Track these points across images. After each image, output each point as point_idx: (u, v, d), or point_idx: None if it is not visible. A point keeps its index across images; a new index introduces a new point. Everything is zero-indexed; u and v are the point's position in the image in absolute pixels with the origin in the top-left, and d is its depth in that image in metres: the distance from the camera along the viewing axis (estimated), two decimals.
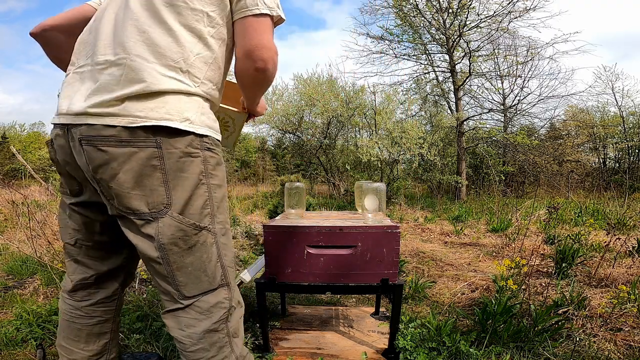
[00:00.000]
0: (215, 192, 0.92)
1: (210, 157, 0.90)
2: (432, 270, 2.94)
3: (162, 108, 0.83)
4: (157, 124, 0.82)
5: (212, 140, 0.92)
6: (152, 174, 0.83)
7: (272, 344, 1.59)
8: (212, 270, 0.91)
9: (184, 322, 0.91)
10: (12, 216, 4.42)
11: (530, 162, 11.48)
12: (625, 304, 1.87)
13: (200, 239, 0.89)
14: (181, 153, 0.85)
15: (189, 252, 0.89)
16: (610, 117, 14.18)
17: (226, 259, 0.94)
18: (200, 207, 0.88)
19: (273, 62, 0.89)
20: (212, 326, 0.90)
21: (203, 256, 0.90)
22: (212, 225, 0.91)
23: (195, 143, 0.87)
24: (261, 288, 1.42)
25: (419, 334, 1.58)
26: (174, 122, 0.83)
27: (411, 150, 8.03)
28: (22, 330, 1.69)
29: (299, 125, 10.20)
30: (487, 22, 9.93)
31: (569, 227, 4.60)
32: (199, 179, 0.88)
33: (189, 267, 0.89)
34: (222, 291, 0.93)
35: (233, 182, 15.99)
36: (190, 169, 0.86)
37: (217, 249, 0.92)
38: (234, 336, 0.94)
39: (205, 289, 0.91)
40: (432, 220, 5.67)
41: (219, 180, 0.93)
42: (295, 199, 1.64)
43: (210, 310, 0.91)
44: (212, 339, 0.90)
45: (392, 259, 1.36)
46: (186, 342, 0.90)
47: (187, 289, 0.90)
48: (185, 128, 0.85)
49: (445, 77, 11.25)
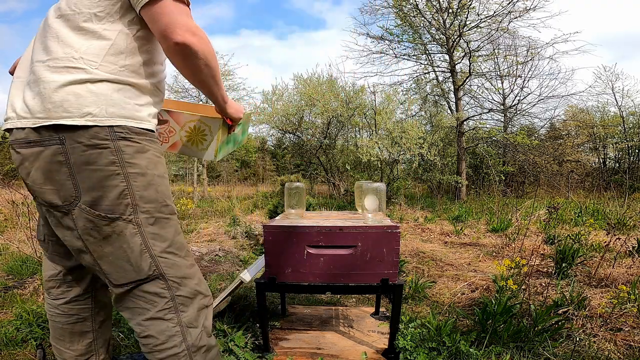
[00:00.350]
0: (136, 181, 0.91)
1: (126, 145, 0.90)
2: (432, 270, 2.94)
3: (60, 107, 0.86)
4: (57, 122, 0.85)
5: (128, 128, 0.91)
6: (60, 169, 0.87)
7: (272, 344, 1.59)
8: (136, 260, 0.92)
9: (136, 311, 0.95)
10: (12, 216, 4.42)
11: (530, 162, 11.48)
12: (625, 304, 1.87)
13: (116, 229, 0.90)
14: (84, 147, 0.86)
15: (106, 242, 0.90)
16: (610, 117, 14.18)
17: (157, 249, 0.93)
18: (115, 197, 0.89)
19: (192, 33, 0.87)
20: (156, 314, 0.93)
21: (123, 246, 0.91)
22: (133, 216, 0.91)
23: (102, 134, 0.87)
24: (261, 288, 1.42)
25: (419, 334, 1.58)
26: (73, 119, 0.86)
27: (411, 150, 8.03)
28: (22, 330, 1.69)
29: (299, 125, 10.20)
30: (487, 22, 9.92)
31: (569, 227, 4.60)
32: (110, 170, 0.88)
33: (110, 257, 0.91)
34: (157, 282, 0.94)
35: (233, 182, 15.99)
36: (98, 161, 0.87)
37: (142, 239, 0.92)
38: (189, 326, 0.95)
39: (133, 278, 0.93)
40: (432, 220, 5.67)
41: (141, 168, 0.92)
42: (295, 199, 1.64)
43: (152, 300, 0.94)
44: (159, 327, 0.93)
45: (392, 259, 1.36)
46: (138, 330, 0.94)
47: (113, 278, 0.93)
48: (85, 124, 0.86)
49: (445, 77, 11.24)
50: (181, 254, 0.98)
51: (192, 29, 0.87)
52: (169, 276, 0.95)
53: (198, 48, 0.89)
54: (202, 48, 0.90)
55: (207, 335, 1.00)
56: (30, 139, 0.87)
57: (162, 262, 0.94)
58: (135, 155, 0.91)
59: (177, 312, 0.95)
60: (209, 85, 0.99)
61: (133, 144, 0.91)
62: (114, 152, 0.88)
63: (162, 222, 0.95)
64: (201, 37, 0.89)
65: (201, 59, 0.91)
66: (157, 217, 0.94)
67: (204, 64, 0.92)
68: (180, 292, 0.96)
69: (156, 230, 0.94)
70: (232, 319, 1.81)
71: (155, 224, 0.94)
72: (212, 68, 0.95)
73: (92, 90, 0.87)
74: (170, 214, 0.98)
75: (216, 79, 0.99)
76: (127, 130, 0.90)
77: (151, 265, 0.93)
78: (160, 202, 0.95)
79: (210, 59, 0.93)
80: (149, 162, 0.94)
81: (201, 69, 0.93)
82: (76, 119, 0.85)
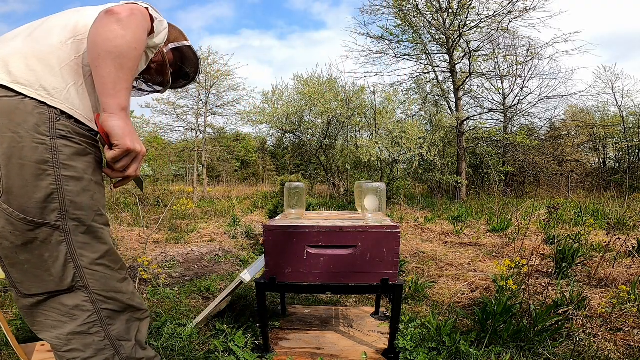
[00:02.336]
0: (69, 185, 0.80)
1: (65, 145, 0.79)
2: (432, 270, 2.94)
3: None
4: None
5: (71, 125, 0.80)
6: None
7: (272, 344, 1.59)
8: (59, 270, 0.81)
9: (48, 323, 0.85)
10: None
11: (530, 162, 11.48)
12: (625, 304, 1.87)
13: (40, 236, 0.79)
14: (19, 137, 0.75)
15: (23, 249, 0.79)
16: (610, 117, 14.17)
17: (85, 260, 0.83)
18: (41, 200, 0.77)
19: (123, 8, 0.80)
20: (78, 329, 0.84)
21: (44, 254, 0.80)
22: (62, 222, 0.80)
23: (42, 128, 0.77)
24: (261, 288, 1.42)
25: (419, 334, 1.58)
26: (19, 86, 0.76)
27: (411, 150, 8.04)
28: (22, 330, 1.69)
29: (299, 125, 10.20)
30: (487, 22, 9.92)
31: (569, 227, 4.60)
32: (41, 169, 0.77)
33: (25, 265, 0.81)
34: (79, 294, 0.84)
35: (233, 182, 15.99)
36: (28, 156, 0.76)
37: (69, 248, 0.81)
38: (120, 339, 0.88)
39: (50, 289, 0.82)
40: (432, 220, 5.67)
41: (77, 172, 0.81)
42: (295, 199, 1.64)
43: (71, 313, 0.84)
44: (84, 341, 0.85)
45: (392, 259, 1.36)
46: (56, 343, 0.85)
47: (23, 286, 0.83)
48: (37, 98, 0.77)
49: (445, 77, 11.24)
50: (114, 266, 0.89)
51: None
52: (94, 289, 0.85)
53: (125, 16, 0.80)
54: (130, 18, 0.80)
55: (141, 348, 0.94)
56: None
57: (89, 275, 0.84)
58: (74, 157, 0.81)
59: (104, 326, 0.86)
60: (106, 62, 0.79)
61: (74, 145, 0.81)
62: (49, 150, 0.77)
63: (96, 232, 0.86)
64: (131, 8, 0.81)
65: (122, 28, 0.79)
66: (89, 226, 0.84)
67: (122, 33, 0.79)
68: (106, 305, 0.87)
69: (87, 240, 0.84)
70: (232, 319, 1.81)
71: (87, 233, 0.84)
72: (128, 41, 0.80)
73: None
74: (104, 225, 0.89)
75: (124, 73, 0.81)
76: (70, 129, 0.81)
77: (75, 277, 0.83)
78: (95, 211, 0.85)
79: (130, 29, 0.81)
80: (89, 167, 0.84)
81: (116, 39, 0.79)
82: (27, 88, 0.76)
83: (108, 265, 0.87)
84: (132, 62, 0.81)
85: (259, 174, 19.98)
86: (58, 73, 0.81)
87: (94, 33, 0.79)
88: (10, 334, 1.42)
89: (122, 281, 0.91)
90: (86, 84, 0.85)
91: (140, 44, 0.81)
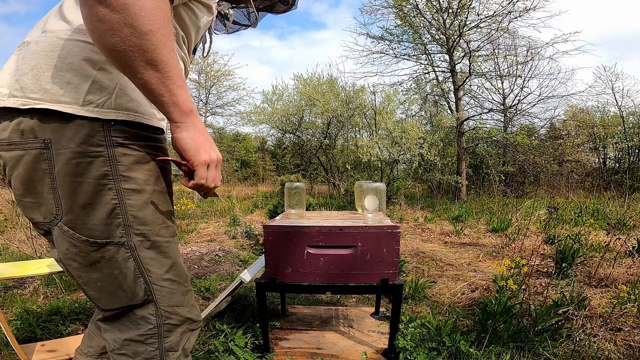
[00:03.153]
0: (130, 199, 0.74)
1: (123, 154, 0.72)
2: (432, 270, 2.94)
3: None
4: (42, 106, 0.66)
5: (128, 130, 0.72)
6: (43, 179, 0.71)
7: (272, 344, 1.59)
8: (130, 286, 0.79)
9: (115, 326, 0.86)
10: (12, 216, 4.42)
11: (530, 162, 11.49)
12: (625, 304, 1.87)
13: (106, 255, 0.75)
14: (72, 153, 0.69)
15: (92, 268, 0.76)
16: (610, 117, 14.19)
17: (153, 276, 0.81)
18: (104, 217, 0.73)
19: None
20: (137, 337, 0.83)
21: (114, 272, 0.77)
22: (126, 238, 0.75)
23: (97, 138, 0.69)
24: (261, 288, 1.42)
25: (419, 334, 1.58)
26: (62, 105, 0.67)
27: (411, 150, 8.04)
28: (22, 330, 1.69)
29: (299, 125, 10.21)
30: (487, 22, 9.93)
31: (569, 227, 4.61)
32: (101, 184, 0.71)
33: (98, 283, 0.78)
34: (149, 307, 0.82)
35: (233, 182, 15.99)
36: (86, 172, 0.70)
37: (137, 264, 0.78)
38: (169, 350, 0.88)
39: (126, 303, 0.81)
40: (432, 220, 5.67)
41: (138, 183, 0.75)
42: (295, 199, 1.64)
43: (137, 322, 0.84)
44: (137, 349, 0.84)
45: (392, 259, 1.36)
46: (112, 344, 0.86)
47: (101, 303, 0.81)
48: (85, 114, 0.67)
49: (445, 77, 11.25)
50: (180, 280, 0.87)
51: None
52: (161, 305, 0.84)
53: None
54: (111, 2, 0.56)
55: (184, 356, 0.93)
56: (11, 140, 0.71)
57: (157, 290, 0.82)
58: (133, 167, 0.74)
59: (161, 339, 0.85)
60: (127, 61, 0.61)
61: (132, 152, 0.74)
62: (107, 161, 0.71)
63: (161, 246, 0.81)
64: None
65: (113, 19, 0.57)
66: (153, 241, 0.80)
67: (117, 26, 0.57)
68: (169, 320, 0.86)
69: (152, 255, 0.80)
70: (232, 319, 1.81)
71: (152, 248, 0.80)
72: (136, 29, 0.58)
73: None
74: (171, 237, 0.84)
75: (163, 67, 0.62)
76: (127, 133, 0.73)
77: (146, 291, 0.81)
78: (159, 224, 0.80)
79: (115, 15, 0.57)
80: (151, 177, 0.77)
81: (113, 35, 0.58)
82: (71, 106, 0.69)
83: (174, 280, 0.85)
84: (160, 48, 0.60)
85: (259, 174, 19.98)
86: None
87: (86, 28, 0.60)
88: (10, 334, 1.42)
89: (185, 294, 0.89)
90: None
91: (155, 18, 0.58)
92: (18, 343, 1.46)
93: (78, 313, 1.92)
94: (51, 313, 1.87)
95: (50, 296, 2.21)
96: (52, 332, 1.73)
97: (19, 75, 0.69)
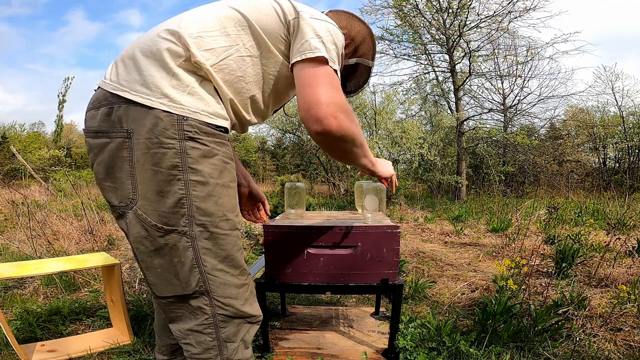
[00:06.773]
0: (195, 190, 0.80)
1: (192, 148, 0.79)
2: (432, 270, 2.94)
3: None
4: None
5: (198, 125, 0.80)
6: (122, 165, 0.80)
7: (272, 344, 1.59)
8: (186, 275, 0.84)
9: (178, 317, 0.91)
10: (12, 216, 4.42)
11: (530, 162, 11.50)
12: (625, 304, 1.87)
13: (170, 242, 0.81)
14: (150, 143, 0.77)
15: (156, 254, 0.83)
16: (610, 117, 14.19)
17: (208, 266, 0.85)
18: (172, 205, 0.79)
19: (335, 118, 0.81)
20: (196, 327, 0.88)
21: (174, 260, 0.83)
22: (189, 228, 0.81)
23: (171, 131, 0.77)
24: (261, 288, 1.42)
25: (419, 334, 1.58)
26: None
27: (411, 150, 8.04)
28: (22, 330, 1.69)
29: (299, 125, 10.20)
30: (487, 22, 9.93)
31: (569, 227, 4.60)
32: (172, 174, 0.78)
33: (158, 269, 0.84)
34: (201, 298, 0.87)
35: None
36: (161, 162, 0.77)
37: (194, 253, 0.83)
38: (227, 340, 0.92)
39: (178, 292, 0.86)
40: (432, 220, 5.67)
41: (203, 176, 0.81)
42: (295, 199, 1.63)
43: (195, 312, 0.88)
44: (198, 339, 0.89)
45: (392, 259, 1.36)
46: (178, 334, 0.92)
47: (157, 289, 0.87)
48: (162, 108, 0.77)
49: (445, 77, 11.26)
50: (234, 272, 0.90)
51: (336, 110, 0.81)
52: (215, 295, 0.88)
53: (338, 133, 0.82)
54: (344, 131, 0.83)
55: (244, 347, 0.96)
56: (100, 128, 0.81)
57: (210, 280, 0.86)
58: (200, 160, 0.81)
59: (217, 328, 0.90)
60: (348, 160, 0.96)
61: (201, 146, 0.81)
62: (178, 153, 0.78)
63: (218, 237, 0.85)
64: (340, 117, 0.82)
65: (341, 144, 0.86)
66: (212, 232, 0.84)
67: (344, 146, 0.87)
68: (222, 311, 0.89)
69: (209, 245, 0.85)
70: None
71: (210, 239, 0.84)
72: (359, 147, 0.92)
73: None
74: (230, 230, 0.88)
75: (364, 153, 0.96)
76: (197, 129, 0.80)
77: (199, 281, 0.85)
78: (219, 217, 0.85)
79: (356, 139, 0.88)
80: (215, 170, 0.83)
81: (341, 153, 0.91)
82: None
83: (227, 271, 0.89)
84: (364, 146, 0.96)
85: (259, 174, 19.98)
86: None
87: (332, 156, 0.94)
88: (10, 334, 1.42)
89: (239, 287, 0.92)
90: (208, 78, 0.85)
91: (359, 135, 0.90)
92: (18, 343, 1.46)
93: (78, 313, 1.92)
94: (51, 313, 1.87)
95: (50, 296, 2.21)
96: (52, 332, 1.73)
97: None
